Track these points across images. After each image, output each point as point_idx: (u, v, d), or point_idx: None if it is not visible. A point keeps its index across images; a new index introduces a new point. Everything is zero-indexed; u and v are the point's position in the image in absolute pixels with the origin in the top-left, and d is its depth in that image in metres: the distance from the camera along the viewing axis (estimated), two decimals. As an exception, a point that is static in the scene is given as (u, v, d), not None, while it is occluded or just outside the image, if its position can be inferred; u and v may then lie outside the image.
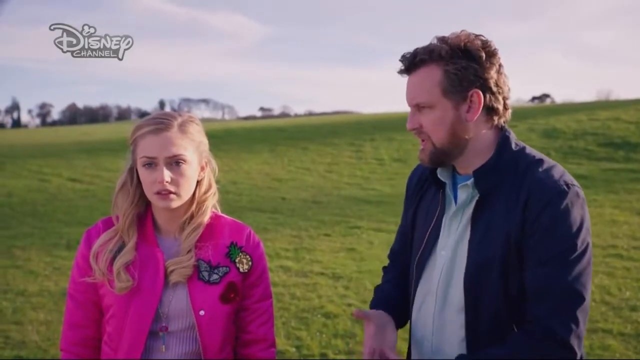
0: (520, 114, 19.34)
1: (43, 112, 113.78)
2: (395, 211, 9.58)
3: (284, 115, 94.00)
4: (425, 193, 1.66)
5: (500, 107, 1.49)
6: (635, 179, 11.84)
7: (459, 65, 1.43)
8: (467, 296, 1.45)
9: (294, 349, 4.34)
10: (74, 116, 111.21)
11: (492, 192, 1.46)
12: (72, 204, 10.79)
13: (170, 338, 1.59)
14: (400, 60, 1.50)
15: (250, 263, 1.67)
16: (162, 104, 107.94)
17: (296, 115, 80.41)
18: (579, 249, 1.38)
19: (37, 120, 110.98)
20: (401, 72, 1.52)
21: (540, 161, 1.47)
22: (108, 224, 1.65)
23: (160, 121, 1.56)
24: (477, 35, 1.47)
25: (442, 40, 1.47)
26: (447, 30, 1.50)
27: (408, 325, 1.67)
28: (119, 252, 1.59)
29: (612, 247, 7.03)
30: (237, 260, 1.65)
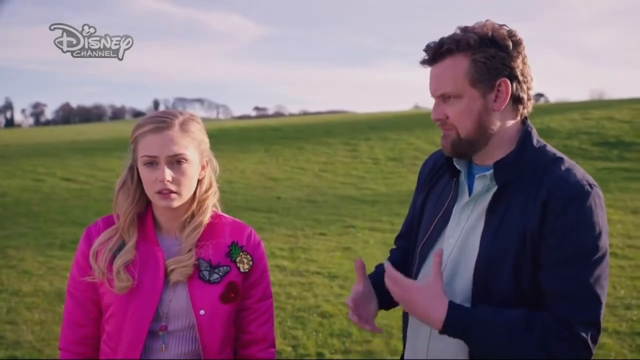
0: (515, 113, 19.35)
1: (36, 111, 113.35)
2: (391, 210, 9.59)
3: (278, 114, 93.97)
4: (438, 180, 1.65)
5: (526, 97, 1.48)
6: (629, 177, 11.89)
7: (487, 53, 1.42)
8: (476, 288, 1.44)
9: (290, 349, 4.33)
10: (68, 116, 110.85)
11: (510, 185, 1.44)
12: (66, 204, 10.73)
13: (170, 337, 1.58)
14: (424, 50, 1.48)
15: (250, 263, 1.66)
16: (156, 104, 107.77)
17: (291, 115, 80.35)
18: (601, 251, 1.36)
19: (31, 120, 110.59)
20: (425, 62, 1.50)
21: (561, 160, 1.46)
22: (108, 222, 1.64)
23: (161, 120, 1.55)
24: (501, 25, 1.46)
25: (467, 29, 1.45)
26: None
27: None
28: (119, 251, 1.58)
29: (606, 245, 7.05)
30: (237, 260, 1.64)
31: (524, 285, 1.40)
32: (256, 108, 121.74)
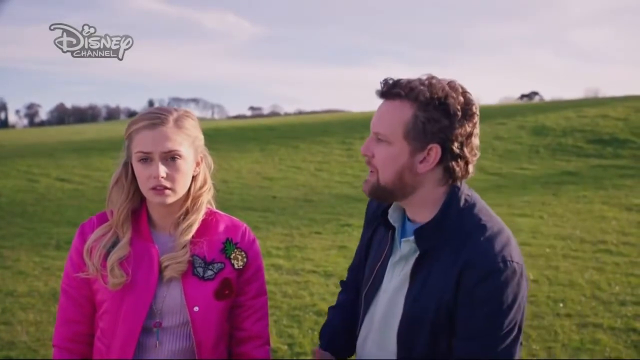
0: (510, 111, 19.41)
1: (31, 112, 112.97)
2: (386, 209, 9.57)
3: (274, 114, 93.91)
4: (380, 224, 1.64)
5: (458, 170, 1.44)
6: (624, 175, 11.93)
7: (430, 115, 1.39)
8: (400, 347, 1.47)
9: (286, 347, 4.33)
10: (62, 116, 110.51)
11: (432, 251, 1.44)
12: (61, 204, 10.69)
13: (164, 334, 1.58)
14: (380, 83, 1.46)
15: (245, 260, 1.66)
16: (151, 104, 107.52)
17: (286, 114, 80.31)
18: (505, 328, 1.37)
19: (25, 121, 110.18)
20: (378, 94, 1.47)
21: (484, 227, 1.42)
22: (102, 218, 1.64)
23: (156, 116, 1.55)
24: (464, 92, 1.43)
25: (429, 82, 1.41)
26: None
27: None
28: (113, 248, 1.57)
29: (601, 242, 7.08)
30: (232, 257, 1.64)
31: (441, 351, 1.43)
32: (251, 108, 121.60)
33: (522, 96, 76.31)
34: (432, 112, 1.39)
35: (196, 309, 1.57)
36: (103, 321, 1.58)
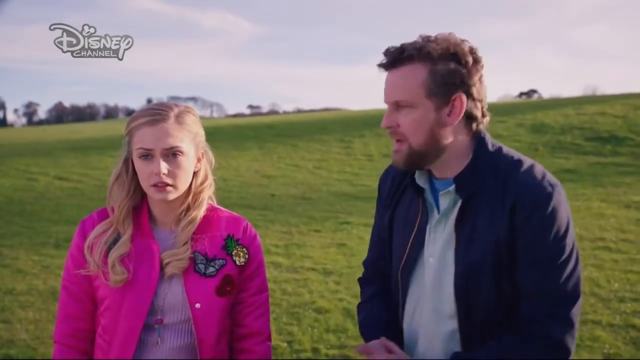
0: (509, 109, 19.41)
1: (29, 111, 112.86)
2: (385, 207, 9.56)
3: (272, 112, 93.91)
4: (401, 197, 1.62)
5: (479, 114, 1.46)
6: (622, 172, 11.93)
7: (446, 67, 1.40)
8: (458, 303, 1.44)
9: (285, 344, 4.34)
10: (61, 115, 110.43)
11: (474, 196, 1.44)
12: (60, 203, 10.69)
13: (166, 331, 1.58)
14: (384, 54, 1.45)
15: (246, 256, 1.65)
16: (149, 103, 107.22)
17: (285, 113, 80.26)
18: (568, 250, 1.39)
19: (24, 120, 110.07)
20: (383, 66, 1.46)
21: (520, 162, 1.45)
22: (103, 215, 1.63)
23: (156, 112, 1.54)
24: (463, 40, 1.45)
25: (430, 39, 1.43)
26: (438, 29, 1.47)
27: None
28: (114, 244, 1.57)
29: (600, 239, 7.08)
30: (233, 253, 1.63)
31: (506, 293, 1.42)
32: (250, 106, 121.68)
33: (521, 94, 76.35)
34: (447, 64, 1.41)
35: (198, 305, 1.56)
36: (104, 318, 1.58)
